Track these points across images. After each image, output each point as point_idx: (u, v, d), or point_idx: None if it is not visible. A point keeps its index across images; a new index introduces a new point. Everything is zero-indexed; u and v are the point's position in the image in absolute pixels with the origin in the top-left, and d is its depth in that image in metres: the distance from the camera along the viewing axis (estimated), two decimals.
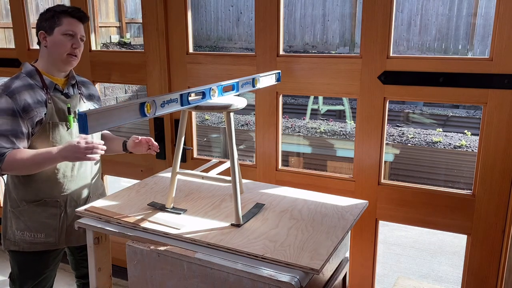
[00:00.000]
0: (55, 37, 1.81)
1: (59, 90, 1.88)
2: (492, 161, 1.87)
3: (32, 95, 1.79)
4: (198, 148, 2.58)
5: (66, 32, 1.81)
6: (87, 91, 2.02)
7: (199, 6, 11.51)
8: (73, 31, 1.83)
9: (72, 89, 1.95)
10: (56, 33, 1.81)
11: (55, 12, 1.82)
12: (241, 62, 2.29)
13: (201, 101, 1.53)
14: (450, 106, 8.44)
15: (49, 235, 1.91)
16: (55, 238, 1.92)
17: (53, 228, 1.91)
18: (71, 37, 1.83)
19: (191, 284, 1.51)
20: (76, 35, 1.84)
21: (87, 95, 2.01)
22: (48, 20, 1.82)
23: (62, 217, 1.92)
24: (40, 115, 1.79)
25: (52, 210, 1.89)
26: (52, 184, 1.87)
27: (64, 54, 1.82)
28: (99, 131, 1.50)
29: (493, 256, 1.94)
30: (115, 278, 2.31)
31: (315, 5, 10.27)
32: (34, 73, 1.85)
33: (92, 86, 2.09)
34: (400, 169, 5.90)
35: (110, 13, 9.51)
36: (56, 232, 1.91)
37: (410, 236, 4.08)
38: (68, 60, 1.84)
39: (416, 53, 9.36)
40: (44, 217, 1.89)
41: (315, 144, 6.43)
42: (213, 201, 1.86)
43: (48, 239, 1.91)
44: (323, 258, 1.42)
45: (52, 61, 1.85)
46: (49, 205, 1.89)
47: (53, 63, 1.86)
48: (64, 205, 1.91)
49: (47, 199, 1.88)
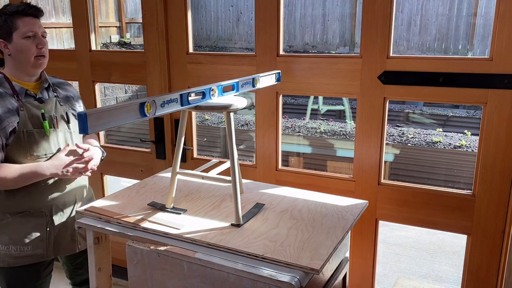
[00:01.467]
0: (16, 42, 1.70)
1: (31, 96, 1.78)
2: (492, 161, 1.87)
3: (2, 104, 1.69)
4: (198, 148, 2.58)
5: (26, 35, 1.70)
6: (64, 93, 1.92)
7: (199, 6, 11.51)
8: (33, 31, 1.72)
9: (47, 92, 1.84)
10: (16, 38, 1.70)
11: (6, 15, 1.70)
12: (241, 62, 2.28)
13: (201, 101, 1.52)
14: (450, 106, 8.44)
15: (37, 246, 1.81)
16: (43, 249, 1.83)
17: (40, 239, 1.82)
18: (33, 38, 1.72)
19: (191, 284, 1.51)
20: (37, 34, 1.73)
21: (63, 97, 1.90)
22: (2, 26, 1.70)
23: (48, 227, 1.83)
24: (12, 125, 1.69)
25: (37, 221, 1.81)
26: (35, 194, 1.79)
27: (31, 57, 1.73)
28: (99, 131, 1.51)
29: (493, 256, 1.94)
30: (115, 278, 2.30)
31: (315, 5, 10.26)
32: (2, 81, 1.74)
33: (70, 87, 1.99)
34: (400, 169, 5.90)
35: (110, 13, 9.50)
36: (43, 243, 1.83)
37: (410, 236, 4.08)
38: (37, 63, 1.75)
39: (416, 53, 9.36)
40: (29, 228, 1.80)
41: (315, 144, 6.43)
42: (213, 201, 1.86)
43: (36, 251, 1.82)
44: (323, 258, 1.42)
45: (20, 67, 1.75)
46: (34, 216, 1.80)
47: (21, 69, 1.76)
48: (49, 214, 1.83)
49: (31, 210, 1.79)
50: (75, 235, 1.92)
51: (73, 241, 1.92)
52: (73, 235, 1.92)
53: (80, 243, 1.96)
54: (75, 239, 1.93)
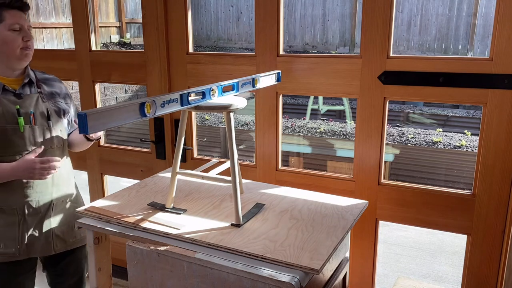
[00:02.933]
0: (2, 34, 1.70)
1: (9, 91, 1.75)
2: (492, 161, 1.87)
3: None
4: (198, 148, 2.58)
5: (12, 27, 1.70)
6: (49, 89, 1.88)
7: (199, 6, 11.51)
8: (19, 24, 1.72)
9: (29, 88, 1.82)
10: (2, 29, 1.70)
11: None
12: (241, 62, 2.29)
13: (201, 101, 1.52)
14: (450, 106, 8.45)
15: (8, 245, 1.78)
16: (15, 248, 1.79)
17: (12, 238, 1.78)
18: (19, 31, 1.72)
19: (191, 284, 1.51)
20: (23, 27, 1.73)
21: (48, 94, 1.86)
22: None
23: (21, 226, 1.79)
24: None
25: (9, 219, 1.77)
26: (7, 191, 1.76)
27: (17, 50, 1.72)
28: (99, 131, 1.51)
29: (493, 256, 1.94)
30: (115, 278, 2.30)
31: (315, 5, 10.27)
32: None
33: (58, 83, 1.95)
34: (400, 169, 5.90)
35: (110, 13, 9.51)
36: (15, 242, 1.78)
37: (410, 236, 4.08)
38: (23, 55, 1.74)
39: (416, 53, 9.36)
40: (1, 225, 1.77)
41: (315, 144, 6.44)
42: (213, 201, 1.86)
43: (7, 250, 1.78)
44: (323, 258, 1.42)
45: (5, 60, 1.74)
46: (6, 213, 1.77)
47: (6, 63, 1.75)
48: (22, 213, 1.79)
49: (3, 206, 1.77)
50: (50, 237, 1.86)
51: (47, 242, 1.86)
52: (48, 236, 1.86)
53: (57, 245, 1.89)
54: (50, 241, 1.87)
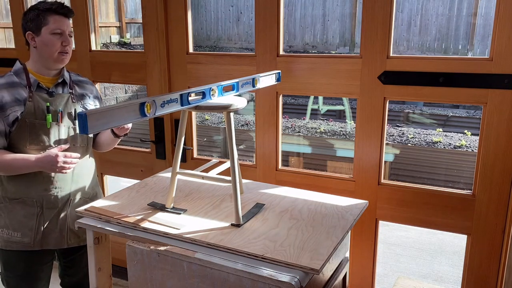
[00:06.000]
0: (44, 37, 1.79)
1: (43, 89, 1.85)
2: (492, 161, 1.87)
3: (12, 93, 1.79)
4: (198, 148, 2.58)
5: (54, 31, 1.79)
6: (80, 91, 1.97)
7: (199, 6, 11.51)
8: (61, 29, 1.80)
9: (62, 88, 1.91)
10: (44, 32, 1.79)
11: (39, 11, 1.79)
12: (241, 62, 2.29)
13: (201, 101, 1.53)
14: (450, 106, 8.44)
15: (25, 234, 1.87)
16: (31, 238, 1.87)
17: (29, 228, 1.86)
18: (60, 35, 1.81)
19: (191, 284, 1.51)
20: (64, 33, 1.82)
21: (79, 95, 1.96)
22: (34, 20, 1.79)
23: (39, 218, 1.87)
24: (15, 114, 1.77)
25: (29, 210, 1.86)
26: (30, 184, 1.85)
27: (55, 53, 1.81)
28: (99, 131, 1.51)
29: (493, 256, 1.94)
30: (115, 278, 2.31)
31: (315, 5, 10.27)
32: (21, 71, 1.84)
33: (90, 86, 2.04)
34: (400, 169, 5.90)
35: (110, 13, 9.51)
36: (32, 232, 1.87)
37: (410, 236, 4.08)
38: (59, 58, 1.83)
39: (416, 53, 9.36)
40: (21, 215, 1.86)
41: (315, 144, 6.44)
42: (213, 201, 1.86)
43: (24, 239, 1.87)
44: (323, 258, 1.42)
45: (43, 60, 1.83)
46: (26, 204, 1.86)
47: (44, 63, 1.84)
48: (40, 205, 1.87)
49: (24, 197, 1.85)
50: (64, 231, 1.93)
51: (61, 236, 1.93)
52: (63, 230, 1.92)
53: (71, 240, 1.95)
54: (64, 234, 1.93)
